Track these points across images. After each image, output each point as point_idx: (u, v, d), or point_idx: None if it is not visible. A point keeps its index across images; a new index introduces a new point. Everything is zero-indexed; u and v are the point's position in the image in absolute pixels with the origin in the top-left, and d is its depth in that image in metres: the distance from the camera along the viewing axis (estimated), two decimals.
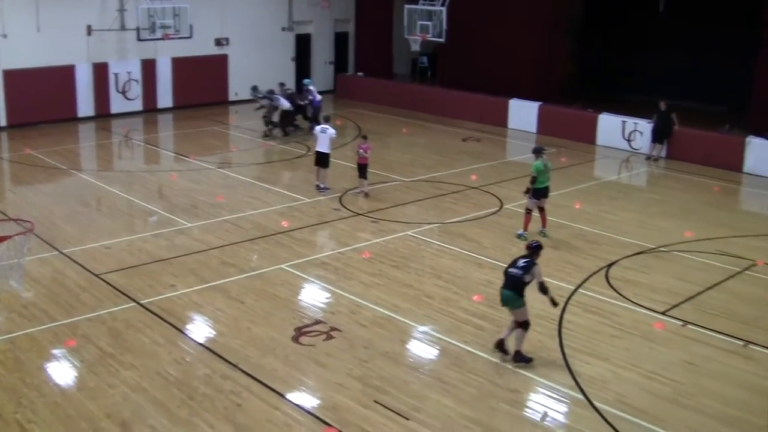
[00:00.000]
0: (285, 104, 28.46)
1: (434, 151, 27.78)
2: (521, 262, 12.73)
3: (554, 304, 12.89)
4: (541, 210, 18.73)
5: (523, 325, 12.65)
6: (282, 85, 30.14)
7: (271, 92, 28.63)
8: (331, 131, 21.76)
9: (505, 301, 12.74)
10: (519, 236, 18.54)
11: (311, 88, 29.91)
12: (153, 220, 19.61)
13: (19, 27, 28.95)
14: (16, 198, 21.45)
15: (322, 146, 21.65)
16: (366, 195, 21.36)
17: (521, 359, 12.65)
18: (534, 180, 18.22)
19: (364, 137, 22.03)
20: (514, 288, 12.58)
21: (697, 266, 17.17)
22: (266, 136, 28.44)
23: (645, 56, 35.60)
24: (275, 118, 28.63)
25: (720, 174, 25.15)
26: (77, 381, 11.91)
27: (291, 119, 28.95)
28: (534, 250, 12.95)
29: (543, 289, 12.68)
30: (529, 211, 18.60)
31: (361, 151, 21.31)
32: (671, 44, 34.52)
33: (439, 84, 36.97)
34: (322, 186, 21.86)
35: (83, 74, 31.10)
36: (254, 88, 29.39)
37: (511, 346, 12.75)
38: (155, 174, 24.17)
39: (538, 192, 18.37)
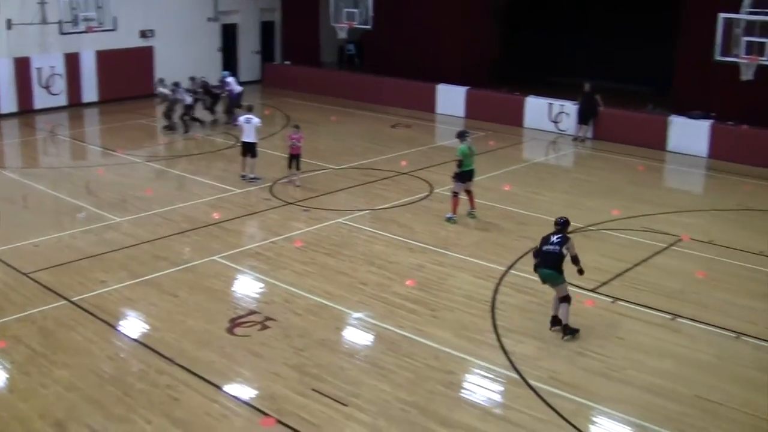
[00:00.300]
0: (187, 99, 27.84)
1: (364, 138, 27.85)
2: (555, 239, 13.13)
3: (581, 272, 13.27)
4: (468, 192, 19.01)
5: (566, 299, 13.03)
6: (192, 79, 29.41)
7: (176, 85, 28.00)
8: (256, 120, 21.77)
9: (546, 279, 13.15)
10: (448, 219, 18.79)
11: (229, 80, 29.68)
12: (81, 216, 19.35)
13: None
14: None
15: (249, 136, 21.63)
16: (298, 185, 21.26)
17: (570, 332, 13.05)
18: (460, 163, 18.46)
19: (296, 126, 21.86)
20: (554, 266, 12.95)
21: (625, 244, 17.52)
22: (169, 129, 28.01)
23: (569, 38, 36.02)
24: (178, 112, 27.91)
25: (644, 153, 25.65)
26: (8, 382, 11.71)
27: (190, 114, 28.10)
28: (563, 225, 13.42)
29: (576, 260, 13.09)
30: (456, 194, 18.84)
31: (294, 140, 21.17)
32: (595, 26, 34.98)
33: (366, 71, 36.99)
34: (251, 176, 21.82)
35: (4, 69, 30.47)
36: (160, 81, 28.83)
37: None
38: (82, 169, 23.85)
39: (464, 175, 18.63)
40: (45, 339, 12.94)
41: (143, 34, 34.68)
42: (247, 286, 15.35)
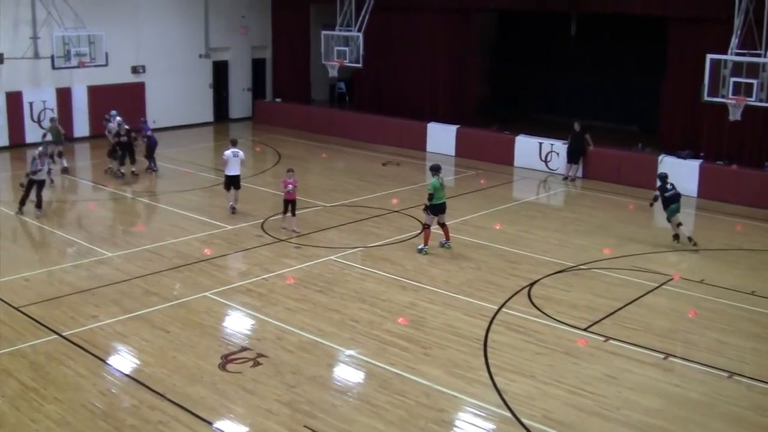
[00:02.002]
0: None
1: (354, 175, 27.92)
2: (669, 185, 20.27)
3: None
4: (443, 225, 19.47)
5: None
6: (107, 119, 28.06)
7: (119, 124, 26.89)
8: (242, 154, 22.16)
9: (676, 211, 20.12)
10: (419, 251, 19.18)
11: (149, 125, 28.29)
12: (72, 251, 19.30)
13: None
14: None
15: (234, 169, 21.93)
16: (298, 232, 20.57)
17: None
18: (431, 197, 18.93)
19: (291, 171, 21.02)
20: (679, 200, 20.11)
21: (616, 282, 17.57)
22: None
23: (558, 77, 36.40)
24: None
25: (634, 192, 25.74)
26: None
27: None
28: (663, 178, 20.58)
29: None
30: (427, 227, 19.30)
31: (291, 186, 20.47)
32: (583, 65, 35.37)
33: (357, 109, 37.17)
34: (233, 205, 22.22)
35: None
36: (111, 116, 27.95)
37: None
38: (73, 204, 23.83)
39: (436, 208, 19.10)
40: (36, 373, 12.86)
41: (135, 70, 34.84)
42: (239, 323, 15.32)
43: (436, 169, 19.39)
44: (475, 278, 17.62)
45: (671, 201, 20.20)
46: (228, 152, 22.04)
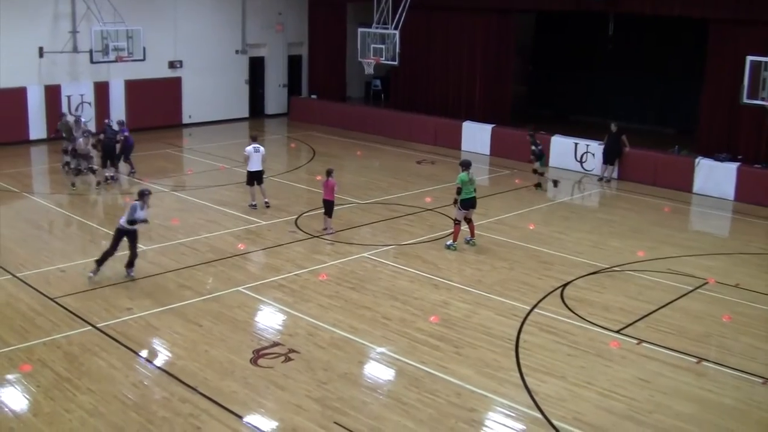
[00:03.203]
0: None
1: (389, 173, 27.91)
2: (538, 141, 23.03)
3: None
4: (469, 221, 19.48)
5: None
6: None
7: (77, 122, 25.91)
8: (263, 149, 22.30)
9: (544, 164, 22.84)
10: (448, 247, 19.25)
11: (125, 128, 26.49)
12: (107, 244, 19.39)
13: None
14: None
15: (257, 165, 22.08)
16: (332, 231, 20.52)
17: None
18: (459, 191, 18.92)
19: (331, 172, 20.66)
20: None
21: (650, 285, 17.43)
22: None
23: (594, 78, 36.20)
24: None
25: (670, 194, 25.56)
26: (33, 406, 11.76)
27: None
28: (533, 136, 24.21)
29: None
30: (457, 222, 19.29)
31: (336, 187, 20.49)
32: (620, 66, 35.17)
33: (392, 107, 37.19)
34: (267, 201, 22.31)
35: (35, 97, 30.93)
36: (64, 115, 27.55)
37: None
38: (110, 197, 24.00)
39: (465, 202, 19.11)
40: (70, 364, 12.99)
41: (172, 65, 35.08)
42: (271, 318, 15.37)
43: (465, 165, 19.39)
44: (507, 278, 17.56)
45: (541, 155, 25.33)
46: (250, 148, 22.11)
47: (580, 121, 34.30)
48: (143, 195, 16.75)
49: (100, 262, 16.62)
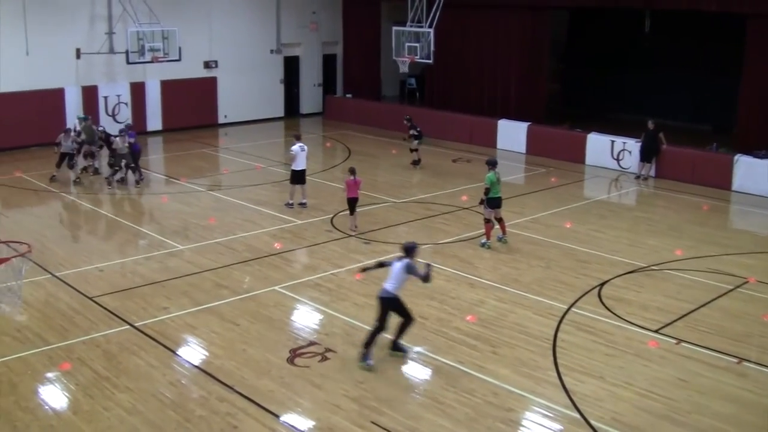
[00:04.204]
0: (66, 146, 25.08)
1: (424, 172, 27.85)
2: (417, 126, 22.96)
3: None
4: (500, 220, 19.52)
5: None
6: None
7: (67, 132, 25.41)
8: (306, 148, 22.31)
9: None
10: (482, 245, 19.27)
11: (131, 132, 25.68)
12: (144, 243, 19.59)
13: (8, 51, 29.06)
14: (7, 221, 21.37)
15: (302, 164, 22.06)
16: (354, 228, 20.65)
17: None
18: (487, 191, 18.96)
19: (353, 170, 20.83)
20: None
21: (689, 284, 17.26)
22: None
23: (630, 75, 35.90)
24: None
25: (708, 192, 25.30)
26: (72, 404, 11.87)
27: (69, 162, 25.39)
28: (410, 120, 24.32)
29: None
30: (488, 221, 19.33)
31: (361, 184, 20.76)
32: (656, 63, 34.87)
33: (427, 105, 37.13)
34: (305, 201, 22.29)
35: (72, 97, 31.21)
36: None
37: None
38: (146, 196, 24.17)
39: (492, 202, 19.15)
40: (108, 362, 13.09)
41: (207, 65, 35.25)
42: (307, 317, 15.39)
43: (492, 163, 19.42)
44: (544, 277, 17.46)
45: (420, 136, 27.94)
46: (296, 147, 22.15)
47: (615, 118, 34.01)
48: (410, 250, 13.51)
49: (368, 344, 13.27)
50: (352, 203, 20.56)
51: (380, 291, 13.35)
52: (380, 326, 13.19)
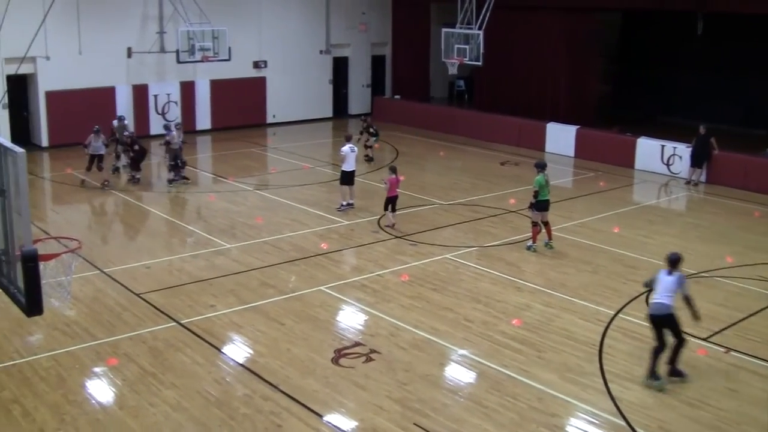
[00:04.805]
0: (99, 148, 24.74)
1: (472, 174, 27.76)
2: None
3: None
4: (546, 224, 19.31)
5: None
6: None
7: (97, 132, 24.81)
8: (356, 149, 22.52)
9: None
10: (528, 248, 19.21)
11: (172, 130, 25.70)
12: (191, 241, 19.73)
13: (61, 50, 29.41)
14: (58, 217, 21.67)
15: (352, 165, 22.13)
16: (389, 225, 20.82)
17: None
18: (536, 194, 18.81)
19: (395, 169, 21.06)
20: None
21: (738, 292, 17.01)
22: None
23: (681, 79, 35.48)
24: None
25: (760, 198, 24.89)
26: (119, 399, 12.00)
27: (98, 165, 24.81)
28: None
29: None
30: (535, 224, 19.20)
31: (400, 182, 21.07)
32: (708, 66, 34.40)
33: (476, 107, 37.01)
34: (352, 202, 22.35)
35: (123, 96, 31.55)
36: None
37: None
38: (194, 195, 24.35)
39: (540, 205, 19.00)
40: (154, 359, 13.20)
41: (256, 65, 35.43)
42: (352, 318, 15.39)
43: (541, 166, 19.28)
44: (591, 282, 17.30)
45: (377, 134, 28.17)
46: (346, 148, 22.19)
47: (666, 122, 33.67)
48: (677, 261, 13.18)
49: (652, 370, 12.78)
50: (393, 201, 20.62)
51: (651, 308, 12.99)
52: (661, 345, 12.78)
